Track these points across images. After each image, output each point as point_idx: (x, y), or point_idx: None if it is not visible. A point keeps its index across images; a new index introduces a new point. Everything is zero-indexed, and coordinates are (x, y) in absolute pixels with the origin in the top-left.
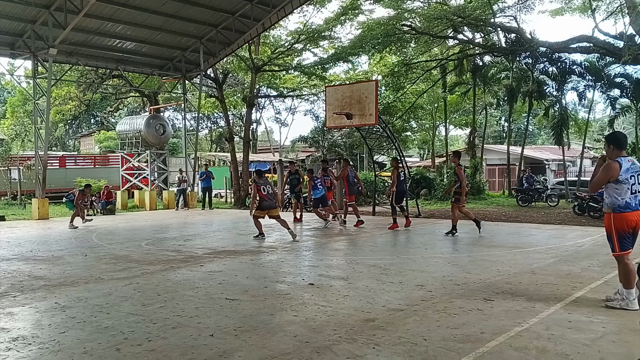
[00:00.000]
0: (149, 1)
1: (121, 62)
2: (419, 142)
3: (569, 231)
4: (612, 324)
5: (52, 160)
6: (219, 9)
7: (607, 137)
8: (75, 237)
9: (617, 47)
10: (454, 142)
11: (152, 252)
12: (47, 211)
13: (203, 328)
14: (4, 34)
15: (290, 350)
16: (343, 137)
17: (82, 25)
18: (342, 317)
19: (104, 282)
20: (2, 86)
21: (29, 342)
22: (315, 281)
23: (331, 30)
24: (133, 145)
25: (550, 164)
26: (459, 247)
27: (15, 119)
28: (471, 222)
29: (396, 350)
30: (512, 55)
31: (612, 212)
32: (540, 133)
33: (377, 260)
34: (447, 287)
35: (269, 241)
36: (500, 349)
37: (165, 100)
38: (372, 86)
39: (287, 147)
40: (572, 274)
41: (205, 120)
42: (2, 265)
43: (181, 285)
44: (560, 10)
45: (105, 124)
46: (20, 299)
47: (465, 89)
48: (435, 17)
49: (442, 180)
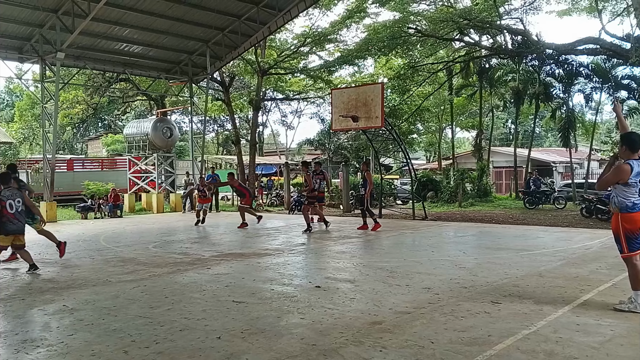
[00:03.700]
0: (155, 5)
1: (128, 66)
2: (425, 145)
3: (576, 234)
4: (621, 326)
5: (60, 163)
6: (225, 13)
7: (622, 137)
8: (83, 240)
9: (624, 48)
10: (461, 144)
11: (160, 254)
12: (55, 214)
13: (210, 330)
14: (12, 38)
15: (297, 353)
16: (349, 140)
17: (90, 29)
18: (349, 319)
19: (111, 284)
20: (11, 90)
21: (37, 345)
22: (322, 284)
23: (337, 34)
24: (140, 148)
25: (558, 166)
26: (465, 249)
27: (24, 123)
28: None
29: (403, 353)
30: (518, 58)
31: (619, 212)
32: (547, 135)
33: (383, 263)
34: (454, 290)
35: (275, 244)
36: (508, 352)
37: (172, 103)
38: (378, 89)
39: (294, 149)
40: (580, 276)
41: (212, 123)
42: (10, 267)
43: (188, 288)
44: (568, 11)
45: (113, 128)
46: (28, 301)
47: (471, 91)
48: (441, 19)
49: (448, 183)
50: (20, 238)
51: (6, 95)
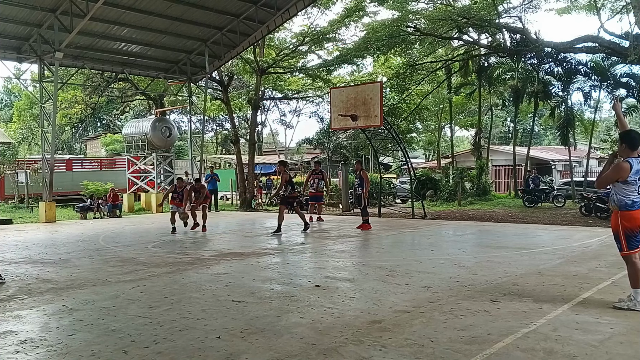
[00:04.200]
0: (154, 4)
1: (127, 66)
2: (424, 143)
3: (575, 232)
4: (620, 325)
5: (59, 163)
6: (224, 12)
7: (622, 135)
8: (82, 239)
9: (622, 46)
10: (460, 142)
11: (159, 254)
12: (54, 214)
13: (210, 330)
14: (11, 38)
15: (296, 352)
16: (348, 139)
17: (88, 28)
18: (349, 319)
19: (111, 284)
20: (9, 90)
21: (36, 345)
22: (322, 283)
23: (336, 32)
24: (139, 148)
25: (557, 165)
26: (465, 248)
27: (22, 123)
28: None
29: (403, 352)
30: (517, 56)
31: (619, 210)
32: (546, 133)
33: (383, 262)
34: (453, 289)
35: (274, 243)
36: (507, 351)
37: (171, 103)
38: (377, 88)
39: (293, 149)
40: (580, 274)
41: (210, 123)
42: (9, 268)
43: (188, 288)
44: (567, 9)
45: (112, 127)
46: (28, 301)
47: (470, 90)
48: (440, 18)
49: (447, 182)
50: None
51: (5, 95)
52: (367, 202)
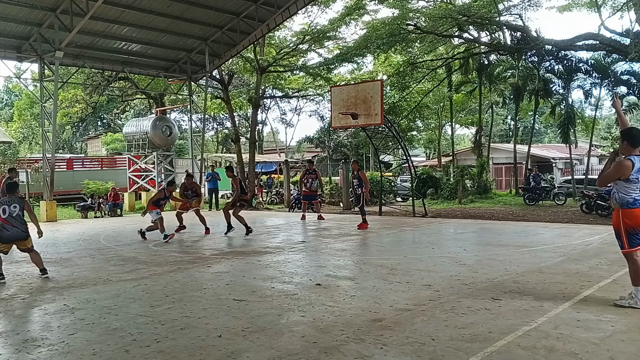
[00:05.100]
0: (154, 3)
1: (127, 65)
2: (425, 142)
3: (576, 230)
4: (621, 322)
5: (60, 162)
6: (224, 10)
7: (623, 133)
8: (83, 239)
9: (623, 44)
10: (460, 141)
11: (160, 253)
12: (55, 213)
13: (211, 329)
14: (11, 37)
15: (298, 350)
16: (349, 137)
17: (88, 27)
18: (350, 317)
19: (112, 283)
20: (10, 89)
21: (38, 344)
22: (323, 281)
23: (336, 31)
24: (140, 147)
25: (557, 163)
26: (466, 246)
27: (23, 122)
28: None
29: (404, 350)
30: (517, 54)
31: (620, 208)
32: (547, 131)
33: (384, 260)
34: (454, 287)
35: (275, 242)
36: (509, 349)
37: (171, 102)
38: (377, 86)
39: (293, 147)
40: (581, 272)
41: (211, 122)
42: (11, 267)
43: (189, 287)
44: (568, 6)
45: (112, 126)
46: (29, 300)
47: (471, 88)
48: (440, 16)
49: (448, 180)
50: (24, 243)
51: (5, 94)
52: (365, 202)
